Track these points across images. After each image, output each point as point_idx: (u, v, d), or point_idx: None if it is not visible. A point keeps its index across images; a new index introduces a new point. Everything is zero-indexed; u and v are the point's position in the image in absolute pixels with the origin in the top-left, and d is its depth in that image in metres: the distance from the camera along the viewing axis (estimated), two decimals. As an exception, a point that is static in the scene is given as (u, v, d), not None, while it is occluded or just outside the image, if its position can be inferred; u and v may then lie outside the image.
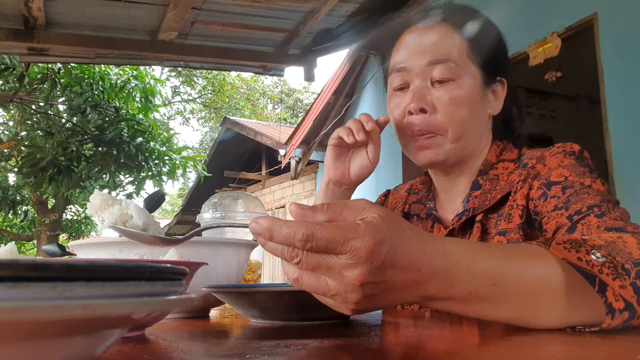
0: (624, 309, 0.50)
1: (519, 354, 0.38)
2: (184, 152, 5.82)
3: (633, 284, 0.51)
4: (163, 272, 0.28)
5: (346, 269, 0.42)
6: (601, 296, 0.50)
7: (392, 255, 0.43)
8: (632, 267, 0.52)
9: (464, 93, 0.80)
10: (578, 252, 0.52)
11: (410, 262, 0.45)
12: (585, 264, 0.51)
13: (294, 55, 4.00)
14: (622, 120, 2.64)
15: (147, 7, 3.23)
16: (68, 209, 9.20)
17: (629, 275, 0.52)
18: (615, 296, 0.50)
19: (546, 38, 2.99)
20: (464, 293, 0.48)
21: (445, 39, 0.83)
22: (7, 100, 5.02)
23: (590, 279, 0.50)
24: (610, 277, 0.51)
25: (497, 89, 0.87)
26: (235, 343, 0.48)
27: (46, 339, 0.23)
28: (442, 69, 0.80)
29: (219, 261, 0.73)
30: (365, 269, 0.42)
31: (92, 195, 0.58)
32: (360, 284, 0.43)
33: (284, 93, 19.99)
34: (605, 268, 0.51)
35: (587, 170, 0.74)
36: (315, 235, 0.42)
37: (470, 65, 0.82)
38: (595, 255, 0.52)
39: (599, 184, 0.71)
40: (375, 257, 0.42)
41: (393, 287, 0.45)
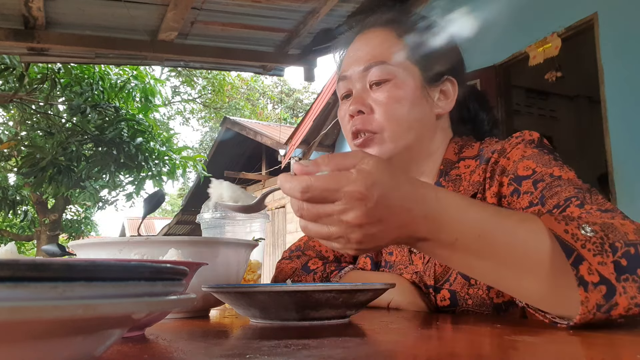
0: (598, 283, 0.49)
1: (519, 354, 0.38)
2: (184, 152, 5.82)
3: (616, 262, 0.50)
4: (163, 272, 0.28)
5: (343, 214, 0.48)
6: (572, 268, 0.49)
7: (384, 197, 0.49)
8: (622, 246, 0.51)
9: (401, 92, 0.81)
10: (567, 225, 0.52)
11: (402, 204, 0.50)
12: (570, 237, 0.51)
13: (294, 55, 4.00)
14: (622, 120, 2.64)
15: (147, 7, 3.23)
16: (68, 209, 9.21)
17: (615, 253, 0.50)
18: (589, 270, 0.49)
19: (546, 38, 2.99)
20: (450, 239, 0.51)
21: (381, 42, 0.84)
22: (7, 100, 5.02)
23: (568, 251, 0.50)
24: (591, 253, 0.50)
25: (446, 88, 0.86)
26: (235, 343, 0.48)
27: (46, 339, 0.23)
28: (378, 71, 0.81)
29: (219, 261, 0.73)
30: (360, 211, 0.48)
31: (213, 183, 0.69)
32: (358, 225, 0.49)
33: (284, 93, 19.99)
34: (589, 244, 0.50)
35: (551, 157, 0.72)
36: (311, 187, 0.48)
37: (407, 65, 0.83)
38: (584, 229, 0.51)
39: (567, 172, 0.69)
40: (368, 200, 0.48)
41: (389, 227, 0.50)
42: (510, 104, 3.49)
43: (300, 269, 0.94)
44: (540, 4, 3.10)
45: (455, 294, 0.76)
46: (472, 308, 0.74)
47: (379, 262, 0.93)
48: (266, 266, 7.79)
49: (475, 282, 0.74)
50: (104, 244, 0.69)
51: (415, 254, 0.84)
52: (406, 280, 0.83)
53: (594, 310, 0.49)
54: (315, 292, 0.54)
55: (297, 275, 0.94)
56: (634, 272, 0.50)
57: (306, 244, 1.02)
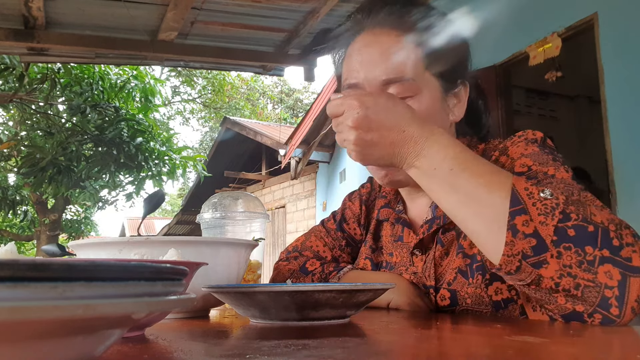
0: (530, 235, 0.53)
1: (519, 354, 0.38)
2: (184, 152, 5.82)
3: (561, 228, 0.52)
4: (163, 272, 0.28)
5: (345, 120, 0.64)
6: (509, 215, 0.54)
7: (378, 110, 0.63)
8: (578, 219, 0.53)
9: (424, 109, 0.76)
10: (531, 185, 0.57)
11: (397, 121, 0.63)
12: (526, 194, 0.55)
13: (294, 55, 4.00)
14: (622, 120, 2.64)
15: (147, 7, 3.23)
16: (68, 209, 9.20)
17: (565, 221, 0.53)
18: (525, 222, 0.53)
19: (546, 38, 2.99)
20: (430, 168, 0.62)
21: (399, 50, 0.78)
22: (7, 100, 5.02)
23: (515, 203, 0.55)
24: (537, 211, 0.53)
25: (460, 92, 0.83)
26: (235, 343, 0.48)
27: (46, 339, 0.23)
28: (399, 88, 0.76)
29: (219, 261, 0.73)
30: (354, 117, 0.62)
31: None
32: (353, 127, 0.63)
33: (284, 93, 19.99)
34: (539, 203, 0.54)
35: (550, 157, 0.71)
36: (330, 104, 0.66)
37: (428, 77, 0.78)
38: (544, 192, 0.55)
39: (562, 172, 0.67)
40: (360, 108, 0.62)
41: (381, 139, 0.63)
42: (510, 104, 3.49)
43: (298, 271, 0.94)
44: (540, 4, 3.10)
45: (455, 293, 0.76)
46: (471, 307, 0.74)
47: (379, 263, 0.92)
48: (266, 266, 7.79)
49: (473, 281, 0.74)
50: (104, 244, 0.69)
51: (417, 256, 0.84)
52: (406, 280, 0.83)
53: (519, 257, 0.53)
54: (315, 292, 0.54)
55: (295, 277, 0.93)
56: (580, 245, 0.51)
57: (303, 245, 1.01)
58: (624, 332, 0.49)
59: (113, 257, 0.66)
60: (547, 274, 0.52)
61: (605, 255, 0.51)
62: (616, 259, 0.51)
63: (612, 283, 0.50)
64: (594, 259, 0.51)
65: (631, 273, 0.50)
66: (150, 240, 0.67)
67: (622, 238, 0.52)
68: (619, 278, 0.50)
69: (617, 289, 0.50)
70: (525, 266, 0.53)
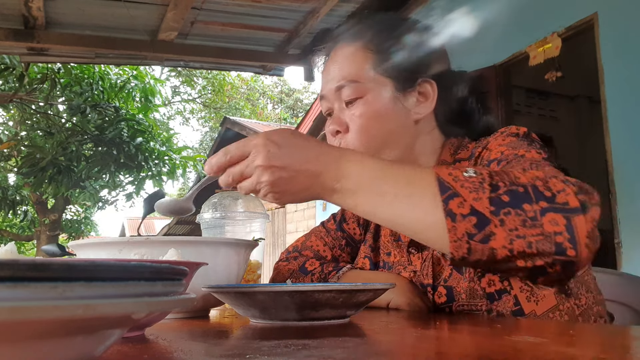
0: (468, 214, 0.54)
1: (519, 354, 0.38)
2: (184, 152, 5.82)
3: (494, 198, 0.54)
4: (163, 272, 0.28)
5: (254, 162, 0.61)
6: (443, 203, 0.55)
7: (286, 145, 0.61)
8: (506, 186, 0.55)
9: (372, 108, 0.82)
10: (453, 170, 0.58)
11: (308, 152, 0.62)
12: (452, 179, 0.56)
13: (294, 55, 4.00)
14: (622, 120, 2.64)
15: (147, 7, 3.23)
16: (68, 209, 9.20)
17: (495, 191, 0.54)
18: (460, 204, 0.54)
19: (546, 38, 2.99)
20: (351, 186, 0.61)
21: (350, 59, 0.85)
22: (7, 100, 5.02)
23: (443, 190, 0.56)
24: (467, 190, 0.55)
25: (424, 90, 0.85)
26: (235, 343, 0.48)
27: (46, 339, 0.23)
28: (348, 90, 0.83)
29: (219, 261, 0.73)
30: (264, 155, 0.60)
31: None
32: (265, 167, 0.60)
33: (284, 93, 19.98)
34: (467, 183, 0.56)
35: (525, 144, 0.72)
36: (228, 149, 0.63)
37: (378, 78, 0.83)
38: (467, 172, 0.57)
39: (533, 153, 0.69)
40: (269, 145, 0.60)
41: (297, 174, 0.61)
42: (510, 104, 3.49)
43: (297, 271, 0.94)
44: (540, 4, 3.09)
45: (451, 289, 0.77)
46: (466, 302, 0.75)
47: (377, 263, 0.93)
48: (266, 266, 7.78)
49: (466, 275, 0.75)
50: (104, 244, 0.69)
51: (414, 254, 0.85)
52: (405, 280, 0.83)
53: (465, 238, 0.54)
54: (315, 292, 0.54)
55: (294, 277, 0.94)
56: (517, 206, 0.53)
57: (303, 245, 1.02)
58: (624, 332, 0.49)
59: (113, 257, 0.66)
60: (498, 244, 0.53)
61: (543, 206, 0.53)
62: (554, 206, 0.53)
63: (560, 229, 0.52)
64: (535, 214, 0.53)
65: (572, 214, 0.52)
66: (150, 240, 0.67)
67: (552, 188, 0.54)
68: (564, 222, 0.52)
69: (565, 232, 0.52)
70: (475, 245, 0.54)
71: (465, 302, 0.75)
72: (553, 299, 0.72)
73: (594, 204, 0.53)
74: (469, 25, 0.86)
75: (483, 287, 0.73)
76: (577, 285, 0.74)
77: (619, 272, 1.15)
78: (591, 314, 0.75)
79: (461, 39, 0.86)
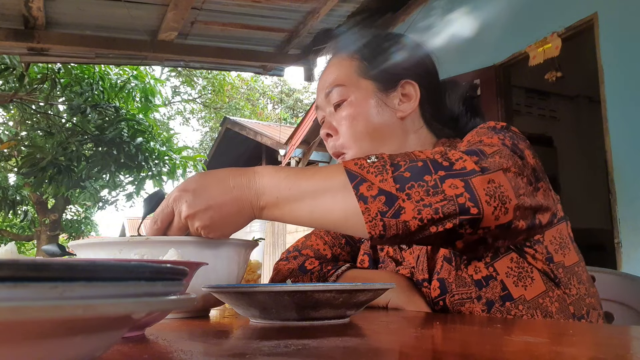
0: (377, 195, 0.58)
1: (519, 354, 0.38)
2: (184, 152, 5.82)
3: (397, 176, 0.59)
4: (163, 272, 0.28)
5: (181, 214, 0.66)
6: (354, 189, 0.59)
7: (200, 188, 0.65)
8: (407, 164, 0.60)
9: (355, 109, 0.88)
10: (358, 160, 0.62)
11: (220, 186, 0.66)
12: (358, 167, 0.61)
13: (294, 55, 4.00)
14: (622, 120, 2.64)
15: (147, 7, 3.23)
16: (68, 209, 9.21)
17: (397, 170, 0.59)
18: (369, 187, 0.59)
19: (546, 38, 2.99)
20: (272, 199, 0.65)
21: (337, 68, 0.93)
22: (7, 100, 5.02)
23: (352, 178, 0.60)
24: (373, 175, 0.59)
25: (407, 91, 0.91)
26: (235, 343, 0.48)
27: (46, 339, 0.23)
28: (335, 94, 0.90)
29: (219, 261, 0.73)
30: (185, 206, 0.65)
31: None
32: (192, 216, 0.65)
33: (284, 93, 19.98)
34: (372, 168, 0.60)
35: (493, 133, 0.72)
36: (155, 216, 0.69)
37: (360, 81, 0.90)
38: (369, 159, 0.61)
39: (495, 139, 0.69)
40: (185, 196, 0.65)
41: (223, 207, 0.65)
42: (510, 104, 3.49)
43: (297, 270, 0.95)
44: (540, 4, 3.09)
45: (443, 281, 0.77)
46: (457, 291, 0.75)
47: (377, 260, 0.94)
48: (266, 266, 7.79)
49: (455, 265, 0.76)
50: (104, 244, 0.69)
51: (405, 250, 0.86)
52: (405, 279, 0.83)
53: (378, 217, 0.58)
54: (315, 292, 0.54)
55: (294, 276, 0.94)
56: (419, 179, 0.58)
57: (303, 244, 1.03)
58: (623, 332, 0.49)
59: (113, 257, 0.66)
60: (408, 216, 0.57)
61: (442, 175, 0.58)
62: (452, 172, 0.58)
63: (459, 191, 0.56)
64: (435, 182, 0.57)
65: (469, 176, 0.57)
66: (150, 240, 0.67)
67: (450, 158, 0.59)
68: (462, 184, 0.57)
69: (466, 193, 0.56)
70: (389, 221, 0.57)
71: (456, 292, 0.75)
72: (542, 285, 0.73)
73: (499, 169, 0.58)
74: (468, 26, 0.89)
75: (470, 274, 0.74)
76: (567, 275, 0.75)
77: (619, 272, 1.15)
78: (583, 305, 0.75)
79: (461, 39, 0.87)
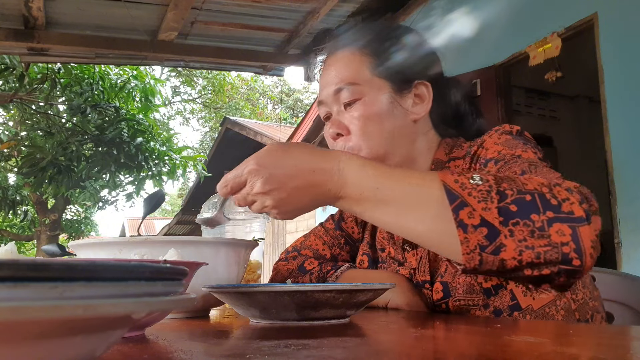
0: (479, 225, 0.53)
1: (519, 354, 0.38)
2: (184, 152, 5.81)
3: (502, 207, 0.54)
4: (163, 272, 0.28)
5: (253, 188, 0.63)
6: (453, 213, 0.54)
7: (277, 166, 0.62)
8: (514, 194, 0.55)
9: (370, 109, 0.83)
10: (459, 176, 0.57)
11: (302, 165, 0.62)
12: (459, 186, 0.56)
13: (294, 55, 4.00)
14: (622, 120, 2.64)
15: (147, 7, 3.23)
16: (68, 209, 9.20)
17: (503, 200, 0.54)
18: (470, 214, 0.54)
19: (546, 38, 2.99)
20: (355, 193, 0.61)
21: (347, 63, 0.87)
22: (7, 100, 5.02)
23: (452, 198, 0.55)
24: (475, 200, 0.55)
25: (420, 92, 0.87)
26: (235, 343, 0.48)
27: (46, 339, 0.23)
28: (347, 92, 0.85)
29: (219, 261, 0.73)
30: (260, 181, 0.62)
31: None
32: (264, 193, 0.62)
33: (284, 93, 19.97)
34: (475, 192, 0.55)
35: (521, 143, 0.74)
36: (226, 179, 0.66)
37: (375, 80, 0.85)
38: (473, 180, 0.56)
39: (529, 153, 0.70)
40: (262, 171, 0.62)
41: (296, 189, 0.62)
42: (510, 104, 3.49)
43: (296, 270, 0.95)
44: (540, 4, 3.09)
45: (447, 284, 0.77)
46: (462, 297, 0.75)
47: (376, 260, 0.94)
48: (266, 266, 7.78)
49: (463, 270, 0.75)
50: (104, 244, 0.69)
51: (408, 251, 0.85)
52: (404, 279, 0.83)
53: (477, 250, 0.54)
54: (315, 292, 0.54)
55: (293, 276, 0.94)
56: (525, 217, 0.53)
57: (302, 244, 1.03)
58: (624, 332, 0.49)
59: (113, 257, 0.66)
60: (508, 255, 0.53)
61: (550, 216, 0.53)
62: (560, 216, 0.53)
63: (566, 239, 0.53)
64: (542, 224, 0.53)
65: (577, 223, 0.53)
66: (150, 240, 0.67)
67: (557, 196, 0.55)
68: (570, 232, 0.53)
69: (572, 243, 0.53)
70: (486, 257, 0.54)
71: (462, 297, 0.75)
72: (550, 294, 0.73)
73: (595, 212, 0.54)
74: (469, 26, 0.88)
75: (480, 282, 0.74)
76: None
77: (619, 272, 1.15)
78: (587, 309, 0.75)
79: (461, 39, 0.87)
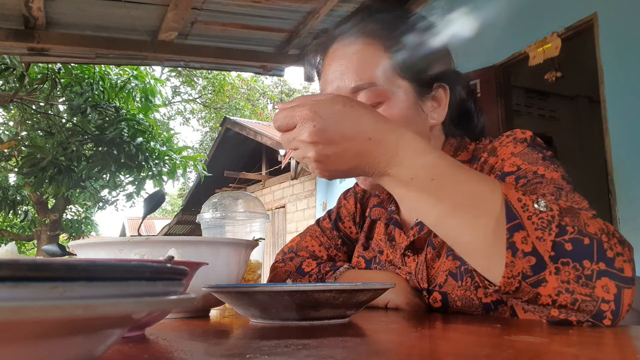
0: (529, 253, 0.50)
1: (519, 354, 0.38)
2: (184, 152, 5.82)
3: (558, 243, 0.50)
4: (163, 272, 0.28)
5: (300, 135, 0.56)
6: (507, 232, 0.50)
7: (335, 120, 0.55)
8: (574, 232, 0.51)
9: (394, 113, 0.75)
10: (524, 195, 0.53)
11: (360, 128, 0.55)
12: (520, 206, 0.51)
13: (294, 55, 4.00)
14: (622, 120, 2.64)
15: (147, 7, 3.23)
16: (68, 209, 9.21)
17: (561, 235, 0.50)
18: (524, 240, 0.50)
19: (546, 38, 2.99)
20: (406, 176, 0.55)
21: (368, 58, 0.77)
22: (7, 100, 5.02)
23: (510, 217, 0.51)
24: (533, 226, 0.50)
25: (438, 95, 0.81)
26: (235, 343, 0.48)
27: (46, 339, 0.23)
28: (368, 94, 0.75)
29: (219, 261, 0.73)
30: (310, 130, 0.55)
31: None
32: (311, 143, 0.55)
33: (284, 93, 19.97)
34: (535, 217, 0.51)
35: (540, 156, 0.69)
36: (276, 115, 0.58)
37: (399, 82, 0.77)
38: (538, 203, 0.52)
39: (552, 172, 0.66)
40: (316, 120, 0.55)
41: (344, 151, 0.56)
42: (510, 104, 3.49)
43: (294, 272, 0.93)
44: (540, 4, 3.09)
45: (446, 295, 0.76)
46: (461, 309, 0.74)
47: (371, 260, 0.92)
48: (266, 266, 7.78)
49: (462, 284, 0.74)
50: (104, 244, 0.69)
51: (409, 257, 0.84)
52: (404, 280, 0.82)
53: (519, 277, 0.50)
54: (315, 292, 0.54)
55: (291, 278, 0.93)
56: (577, 260, 0.50)
57: (298, 245, 1.01)
58: (623, 332, 0.49)
59: (113, 257, 0.66)
60: (546, 292, 0.50)
61: (602, 268, 0.50)
62: (612, 271, 0.50)
63: (609, 297, 0.50)
64: (592, 273, 0.50)
65: (624, 284, 0.50)
66: (150, 240, 0.67)
67: (613, 249, 0.51)
68: (615, 291, 0.50)
69: (613, 303, 0.50)
70: (525, 286, 0.51)
71: (460, 310, 0.74)
72: None
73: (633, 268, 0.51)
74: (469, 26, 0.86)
75: (479, 297, 0.72)
76: None
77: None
78: None
79: (461, 39, 0.86)
